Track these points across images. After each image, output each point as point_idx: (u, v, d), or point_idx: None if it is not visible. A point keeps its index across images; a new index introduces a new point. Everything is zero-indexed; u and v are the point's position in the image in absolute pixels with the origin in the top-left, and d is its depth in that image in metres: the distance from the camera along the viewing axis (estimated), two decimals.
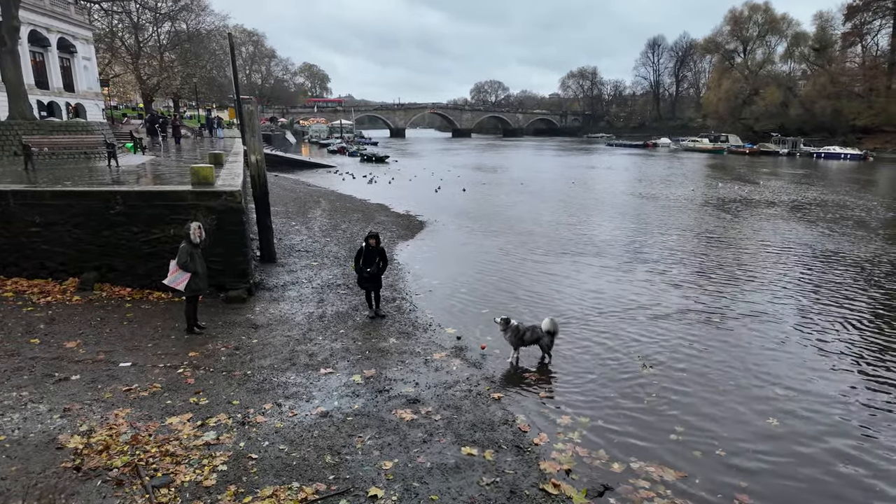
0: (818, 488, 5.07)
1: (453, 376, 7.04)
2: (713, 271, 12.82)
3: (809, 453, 5.60)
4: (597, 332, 8.81)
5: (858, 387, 7.10)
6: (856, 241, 16.34)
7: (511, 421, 5.97)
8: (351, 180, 33.03)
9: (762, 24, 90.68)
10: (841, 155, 59.54)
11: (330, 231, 16.70)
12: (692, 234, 17.32)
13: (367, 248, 8.86)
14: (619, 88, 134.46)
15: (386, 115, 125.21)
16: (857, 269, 13.06)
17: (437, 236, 16.55)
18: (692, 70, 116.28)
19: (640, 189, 30.07)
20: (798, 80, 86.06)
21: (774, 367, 7.65)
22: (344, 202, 23.31)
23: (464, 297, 10.60)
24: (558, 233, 17.21)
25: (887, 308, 10.23)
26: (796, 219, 20.45)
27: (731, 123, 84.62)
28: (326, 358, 7.48)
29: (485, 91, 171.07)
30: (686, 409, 6.45)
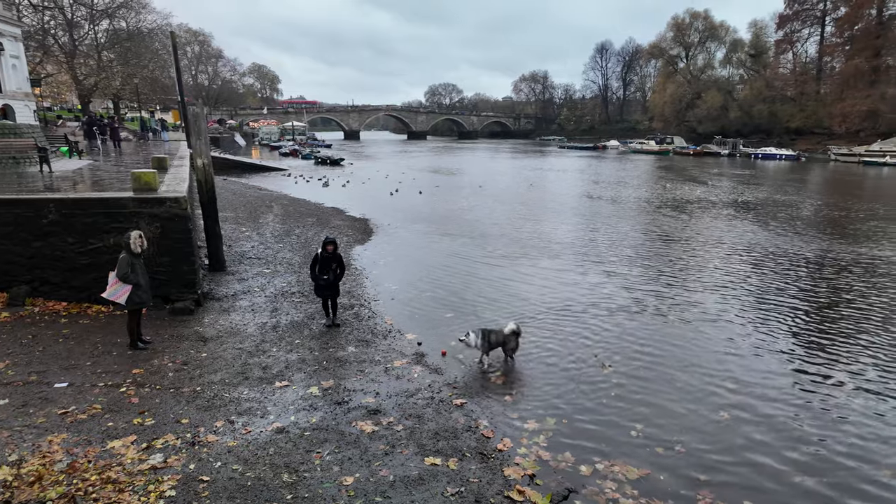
0: (769, 475, 5.22)
1: (415, 384, 6.91)
2: (665, 270, 13.20)
3: (759, 443, 5.78)
4: (555, 333, 8.87)
5: (800, 378, 7.41)
6: (795, 239, 17.22)
7: (474, 427, 5.90)
8: (304, 183, 32.33)
9: (702, 30, 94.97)
10: (777, 156, 62.91)
11: (283, 237, 16.23)
12: (644, 234, 17.83)
13: (323, 255, 8.60)
14: (569, 92, 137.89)
15: (339, 116, 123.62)
16: (798, 265, 13.73)
17: (395, 240, 16.36)
18: (638, 74, 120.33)
19: (595, 190, 30.79)
20: (737, 85, 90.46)
21: (723, 362, 7.90)
22: (297, 206, 22.75)
23: (423, 302, 10.48)
24: (516, 234, 17.33)
25: (826, 303, 10.78)
26: (741, 218, 21.39)
27: (675, 126, 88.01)
28: (281, 370, 7.20)
29: (439, 93, 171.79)
30: (644, 406, 6.55)
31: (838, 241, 16.58)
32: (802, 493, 5.01)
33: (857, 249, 15.38)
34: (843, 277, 12.46)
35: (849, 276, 12.53)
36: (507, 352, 7.60)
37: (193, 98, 59.81)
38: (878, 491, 5.04)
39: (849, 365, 7.79)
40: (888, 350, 8.31)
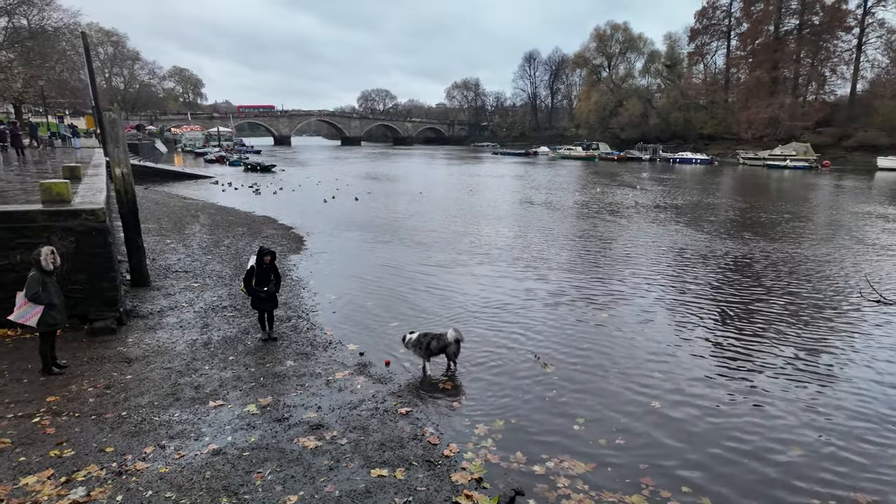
0: (700, 459, 5.56)
1: (358, 395, 6.79)
2: (598, 271, 13.76)
3: (688, 429, 6.14)
4: (496, 336, 9.02)
5: (724, 367, 7.95)
6: (716, 238, 18.48)
7: (420, 435, 5.88)
8: (233, 191, 31.08)
9: (623, 42, 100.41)
10: (692, 160, 67.40)
11: (212, 248, 15.50)
12: (577, 237, 18.50)
13: (259, 267, 8.31)
14: (500, 99, 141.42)
15: (269, 122, 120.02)
16: (720, 263, 14.73)
17: (332, 248, 16.04)
18: (565, 83, 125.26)
19: (531, 196, 31.62)
20: (655, 94, 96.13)
21: (653, 355, 8.33)
22: (226, 215, 21.82)
23: (365, 311, 10.34)
24: (457, 240, 17.48)
25: (746, 297, 11.62)
26: (668, 219, 22.69)
27: (601, 132, 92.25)
28: (215, 389, 6.86)
29: (372, 99, 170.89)
30: (584, 402, 6.80)
31: (754, 240, 17.95)
32: (729, 472, 5.36)
33: (771, 246, 16.72)
34: (760, 273, 13.49)
35: (765, 272, 13.59)
36: (449, 357, 7.66)
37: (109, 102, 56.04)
38: (790, 467, 5.48)
39: (768, 353, 8.44)
40: (802, 339, 9.08)
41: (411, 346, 7.62)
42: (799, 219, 22.92)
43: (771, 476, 5.35)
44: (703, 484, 5.20)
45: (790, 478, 5.32)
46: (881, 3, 69.67)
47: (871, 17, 70.95)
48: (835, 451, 5.78)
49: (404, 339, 7.72)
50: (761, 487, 5.18)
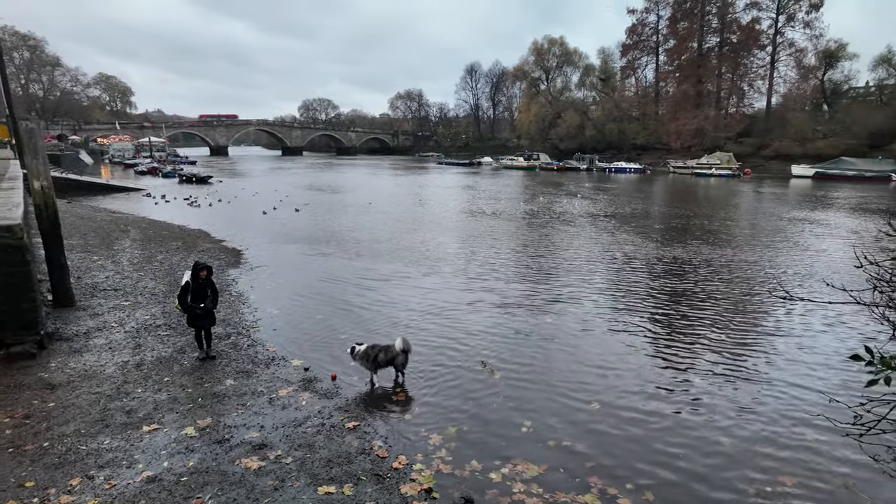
0: (641, 454, 5.78)
1: (303, 412, 6.62)
2: (541, 277, 14.10)
3: (628, 427, 6.39)
4: (443, 345, 9.05)
5: (660, 364, 8.33)
6: (652, 243, 19.37)
7: (369, 449, 5.80)
8: (167, 204, 29.71)
9: (559, 56, 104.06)
10: (627, 169, 70.56)
11: (143, 264, 14.73)
12: (522, 244, 18.89)
13: (195, 282, 8.00)
14: (444, 110, 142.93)
15: (205, 131, 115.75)
16: (657, 266, 15.45)
17: (274, 262, 15.60)
18: (506, 95, 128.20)
19: (477, 205, 32.05)
20: (591, 106, 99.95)
21: (590, 355, 8.61)
22: (159, 229, 20.82)
23: (309, 325, 10.11)
24: (402, 251, 17.44)
25: (674, 298, 12.23)
26: (605, 226, 23.58)
27: (541, 143, 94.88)
28: (149, 412, 6.51)
29: (314, 108, 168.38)
30: (530, 405, 6.93)
31: (685, 245, 18.95)
32: (667, 466, 5.61)
33: (700, 251, 17.70)
34: (690, 276, 14.25)
35: (694, 274, 14.37)
36: (397, 368, 7.62)
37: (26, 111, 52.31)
38: (723, 457, 5.81)
39: (697, 351, 8.92)
40: (725, 335, 9.65)
41: (359, 359, 7.51)
42: (725, 224, 24.44)
43: (705, 467, 5.64)
44: (645, 480, 5.41)
45: (722, 468, 5.63)
46: (790, 24, 76.00)
47: (782, 37, 77.27)
48: (761, 438, 6.17)
49: (352, 350, 7.59)
50: (697, 479, 5.44)
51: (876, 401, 3.09)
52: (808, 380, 7.77)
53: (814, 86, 76.81)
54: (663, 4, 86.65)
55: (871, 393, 3.09)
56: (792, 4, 75.25)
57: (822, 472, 5.53)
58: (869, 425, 3.04)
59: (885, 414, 3.05)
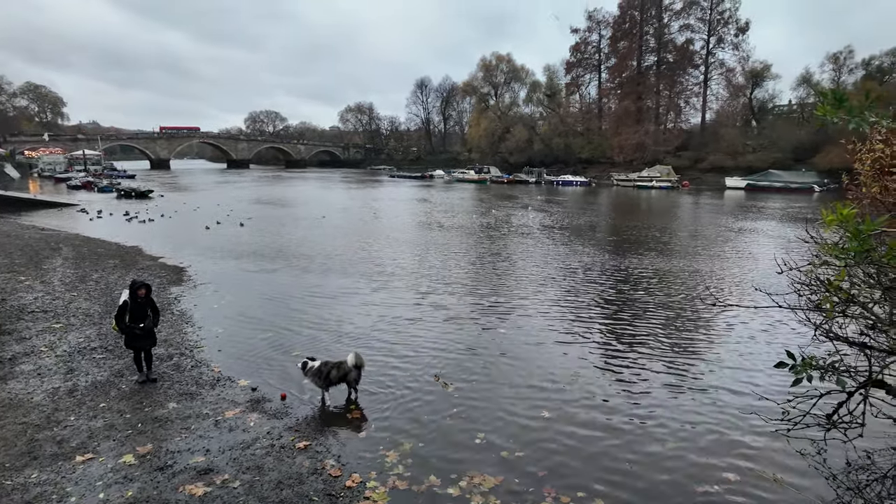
0: (589, 461, 5.91)
1: (251, 434, 6.40)
2: (493, 289, 14.25)
3: (577, 433, 6.53)
4: (396, 360, 8.97)
5: (608, 373, 8.57)
6: (597, 253, 19.97)
7: (321, 469, 5.66)
8: (103, 220, 28.23)
9: (507, 72, 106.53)
10: (573, 182, 72.81)
11: (77, 284, 13.91)
12: (474, 257, 19.05)
13: (133, 302, 7.65)
14: (395, 124, 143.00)
15: (144, 144, 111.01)
16: (605, 277, 15.92)
17: (219, 279, 15.05)
18: (456, 109, 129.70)
19: (431, 217, 32.11)
20: (538, 121, 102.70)
21: (540, 366, 8.77)
22: (94, 247, 19.73)
23: (256, 344, 9.79)
24: (353, 265, 17.22)
25: (620, 307, 12.65)
26: (555, 237, 24.15)
27: (491, 157, 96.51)
28: (84, 441, 6.11)
29: (261, 121, 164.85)
30: (484, 416, 6.96)
31: (631, 255, 19.65)
32: (616, 472, 5.76)
33: (644, 261, 18.40)
34: (636, 285, 14.78)
35: (638, 283, 14.91)
36: (350, 385, 7.49)
37: None
38: (667, 461, 6.02)
39: (641, 358, 9.23)
40: (675, 346, 10.05)
41: (311, 376, 7.34)
42: (668, 235, 25.56)
43: (650, 472, 5.81)
44: (595, 486, 5.53)
45: (666, 471, 5.83)
46: (720, 45, 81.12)
47: (713, 57, 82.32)
48: (701, 441, 6.44)
49: (304, 366, 7.38)
50: (643, 483, 5.61)
51: (801, 397, 3.32)
52: (744, 383, 8.17)
53: (743, 103, 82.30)
54: (604, 24, 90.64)
55: (796, 391, 3.32)
56: (721, 27, 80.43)
57: (755, 469, 5.81)
58: (795, 420, 3.25)
59: (808, 409, 3.27)
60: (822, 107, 3.31)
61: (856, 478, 4.67)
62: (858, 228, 2.86)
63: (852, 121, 3.23)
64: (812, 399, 3.28)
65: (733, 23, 79.50)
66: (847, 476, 4.82)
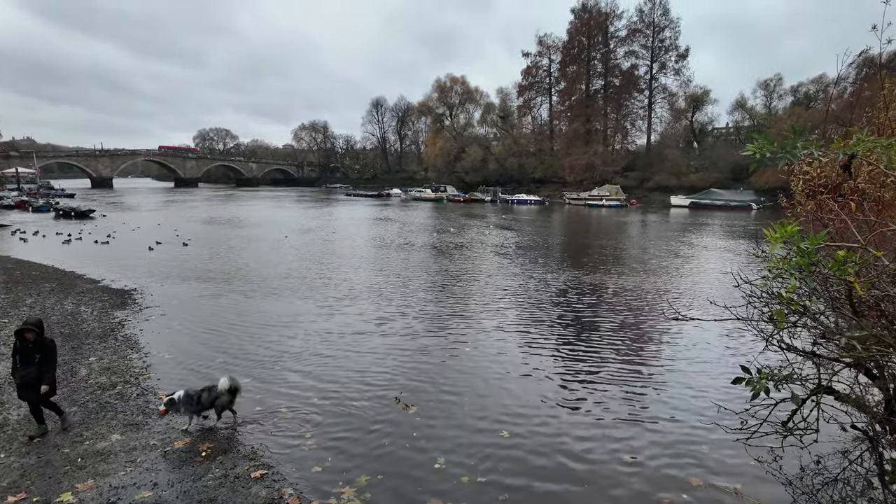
0: (549, 480, 5.93)
1: (203, 464, 6.08)
2: (454, 307, 14.24)
3: (536, 451, 6.54)
4: (355, 382, 8.78)
5: (563, 392, 8.67)
6: (555, 271, 20.33)
7: (278, 498, 5.43)
8: (39, 242, 26.64)
9: (462, 93, 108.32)
10: (527, 201, 74.33)
11: (8, 309, 13.00)
12: (432, 276, 19.00)
13: (21, 345, 6.57)
14: (350, 142, 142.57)
15: (84, 162, 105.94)
16: (558, 294, 16.19)
17: (166, 302, 14.38)
18: (412, 129, 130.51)
19: (390, 236, 31.90)
20: (492, 141, 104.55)
21: (500, 385, 8.78)
22: (28, 270, 18.55)
23: (206, 369, 9.36)
24: (311, 286, 16.84)
25: (579, 324, 12.88)
26: (513, 254, 24.43)
27: (447, 176, 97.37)
28: (15, 480, 5.65)
29: (211, 138, 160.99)
30: (443, 440, 6.86)
31: (586, 273, 20.10)
32: (578, 489, 5.79)
33: (600, 277, 18.86)
34: (600, 301, 15.11)
35: (603, 300, 15.25)
36: (219, 409, 7.09)
37: None
38: (634, 476, 6.10)
39: (601, 374, 9.40)
40: (634, 362, 10.28)
41: (183, 406, 6.84)
42: (622, 251, 26.35)
43: (614, 488, 5.89)
44: None
45: (630, 485, 5.91)
46: (662, 71, 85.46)
47: (656, 82, 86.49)
48: (664, 453, 6.57)
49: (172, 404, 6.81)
50: (604, 500, 5.66)
51: (758, 405, 3.45)
52: (702, 393, 8.45)
53: (685, 126, 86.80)
54: (554, 49, 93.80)
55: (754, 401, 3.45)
56: (663, 54, 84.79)
57: (715, 479, 5.97)
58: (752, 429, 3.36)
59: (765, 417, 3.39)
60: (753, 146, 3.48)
61: (810, 482, 4.87)
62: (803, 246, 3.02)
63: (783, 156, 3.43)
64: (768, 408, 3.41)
65: (674, 50, 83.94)
66: (801, 481, 5.01)
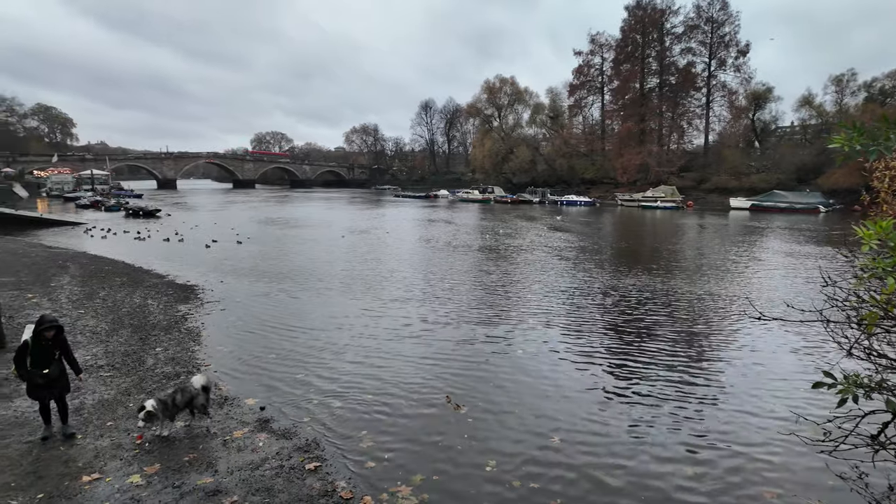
0: (605, 488, 5.75)
1: (260, 454, 6.27)
2: (506, 309, 14.12)
3: (589, 460, 6.35)
4: (407, 381, 8.85)
5: (622, 396, 8.41)
6: (614, 273, 19.84)
7: (331, 491, 5.52)
8: (111, 239, 28.37)
9: (511, 94, 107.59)
10: (577, 202, 73.00)
11: (83, 301, 13.88)
12: (486, 276, 18.94)
13: (37, 344, 6.40)
14: (399, 145, 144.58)
15: (151, 164, 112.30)
16: (618, 296, 15.76)
17: (228, 297, 14.97)
18: (460, 130, 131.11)
19: (440, 237, 32.09)
20: (542, 142, 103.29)
21: (554, 388, 8.62)
22: (101, 265, 19.76)
23: (263, 362, 9.68)
24: (365, 284, 17.15)
25: (645, 329, 12.49)
26: (566, 255, 24.04)
27: (495, 177, 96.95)
28: (90, 461, 6.00)
29: (267, 142, 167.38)
30: (494, 441, 6.80)
31: (648, 274, 19.51)
32: (627, 497, 5.59)
33: (661, 279, 18.25)
34: (656, 304, 14.62)
35: (659, 302, 14.75)
36: (196, 409, 6.96)
37: None
38: (700, 484, 5.84)
39: (666, 379, 9.06)
40: (699, 367, 9.88)
41: (160, 412, 6.45)
42: (680, 254, 25.42)
43: (676, 497, 5.65)
44: None
45: (696, 494, 5.65)
46: (721, 68, 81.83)
47: (715, 79, 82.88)
48: (734, 462, 6.25)
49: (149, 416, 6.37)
50: None
51: (842, 415, 3.20)
52: (777, 401, 8.00)
53: (745, 125, 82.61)
54: (607, 48, 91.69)
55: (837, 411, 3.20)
56: (722, 50, 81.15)
57: (791, 494, 5.62)
58: (837, 441, 3.13)
59: (851, 429, 3.15)
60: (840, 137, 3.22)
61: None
62: None
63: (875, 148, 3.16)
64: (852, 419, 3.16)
65: (734, 45, 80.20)
66: (891, 500, 4.64)
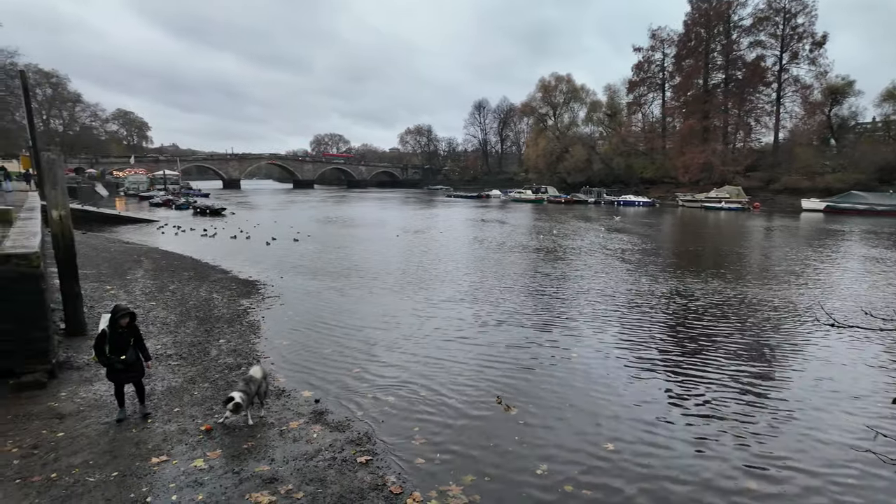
0: (656, 499, 5.56)
1: (314, 445, 6.47)
2: (556, 311, 13.92)
3: (642, 471, 6.15)
4: (458, 378, 8.89)
5: (682, 406, 8.10)
6: (673, 277, 19.17)
7: (381, 485, 5.63)
8: (181, 236, 30.05)
9: (566, 92, 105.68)
10: (635, 202, 70.81)
11: (155, 293, 14.77)
12: (541, 277, 18.74)
13: (114, 332, 6.90)
14: (452, 145, 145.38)
15: (217, 165, 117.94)
16: (669, 301, 15.23)
17: (287, 293, 15.55)
18: (513, 130, 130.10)
19: (491, 237, 32.04)
20: (598, 140, 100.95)
21: (609, 393, 8.41)
22: (171, 260, 20.97)
23: (319, 357, 9.99)
24: (419, 283, 17.37)
25: (707, 336, 12.00)
26: (624, 257, 23.42)
27: (548, 177, 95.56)
28: (158, 444, 6.39)
29: (325, 143, 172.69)
30: (545, 444, 6.71)
31: (711, 278, 18.72)
32: None
33: (726, 284, 17.47)
34: (720, 309, 14.02)
35: (724, 307, 14.12)
36: (262, 397, 7.37)
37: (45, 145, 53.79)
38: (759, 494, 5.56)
39: (734, 392, 8.68)
40: (767, 376, 9.39)
41: (245, 403, 6.78)
42: (749, 258, 24.20)
43: None
44: None
45: None
46: (794, 61, 76.92)
47: (787, 74, 78.02)
48: (807, 480, 5.91)
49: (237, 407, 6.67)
50: None
51: None
52: (852, 414, 7.51)
53: (820, 121, 76.94)
54: (668, 43, 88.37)
55: None
56: (795, 42, 76.22)
57: None
58: None
59: None
60: None
61: None
62: None
63: None
64: None
65: (808, 37, 75.14)
66: None
